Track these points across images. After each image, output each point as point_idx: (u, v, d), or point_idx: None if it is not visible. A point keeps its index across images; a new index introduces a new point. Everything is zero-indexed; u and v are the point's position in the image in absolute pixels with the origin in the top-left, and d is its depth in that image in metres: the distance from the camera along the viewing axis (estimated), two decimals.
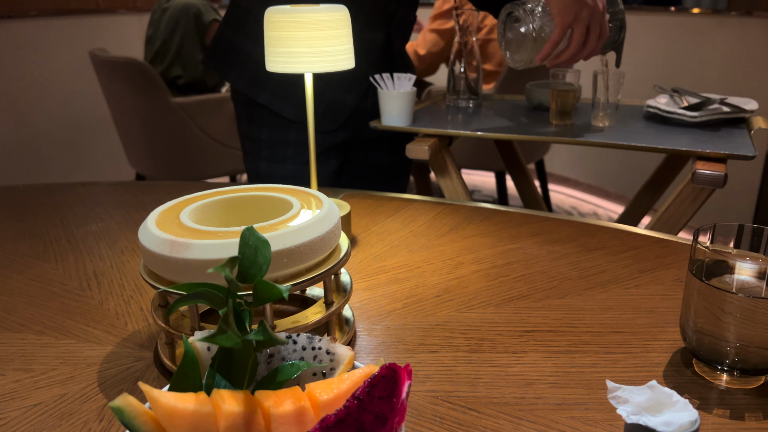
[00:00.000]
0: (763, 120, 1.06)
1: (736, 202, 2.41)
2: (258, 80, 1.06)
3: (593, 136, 1.02)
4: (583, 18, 0.90)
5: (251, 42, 1.05)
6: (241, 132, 1.14)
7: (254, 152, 1.12)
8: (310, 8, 0.68)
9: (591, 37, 0.92)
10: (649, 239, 0.77)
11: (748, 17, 2.36)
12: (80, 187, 1.03)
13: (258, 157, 1.12)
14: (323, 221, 0.49)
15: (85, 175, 3.29)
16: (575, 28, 0.91)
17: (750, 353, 0.48)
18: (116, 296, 0.66)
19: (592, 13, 0.90)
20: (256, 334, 0.34)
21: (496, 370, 0.52)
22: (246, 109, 1.11)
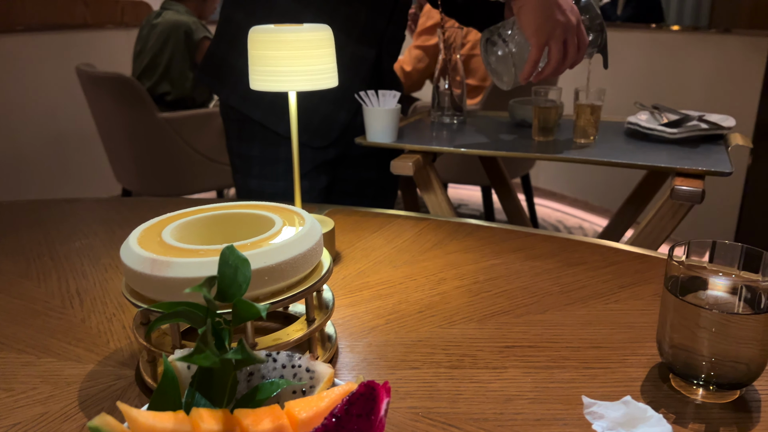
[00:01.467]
0: (740, 137, 1.08)
1: (719, 217, 2.45)
2: (251, 96, 1.06)
3: (575, 152, 1.03)
4: (557, 35, 0.92)
5: (245, 58, 1.05)
6: (231, 148, 1.14)
7: (245, 169, 1.12)
8: (293, 28, 0.69)
9: (570, 50, 0.93)
10: (629, 254, 0.78)
11: (727, 34, 2.41)
12: (64, 203, 1.03)
13: (249, 174, 1.12)
14: (305, 239, 0.50)
15: (70, 190, 3.27)
16: (552, 45, 0.92)
17: (724, 368, 0.49)
18: (99, 314, 0.66)
19: (566, 28, 0.92)
20: (235, 353, 0.35)
21: (477, 386, 0.52)
22: (236, 125, 1.11)
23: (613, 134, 1.17)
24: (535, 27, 0.91)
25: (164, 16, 2.50)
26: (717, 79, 2.48)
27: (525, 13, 0.92)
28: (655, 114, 1.17)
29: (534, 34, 0.91)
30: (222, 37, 1.09)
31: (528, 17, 0.91)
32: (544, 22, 0.90)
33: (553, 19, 0.90)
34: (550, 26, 0.91)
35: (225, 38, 1.08)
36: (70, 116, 3.18)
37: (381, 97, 1.09)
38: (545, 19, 0.90)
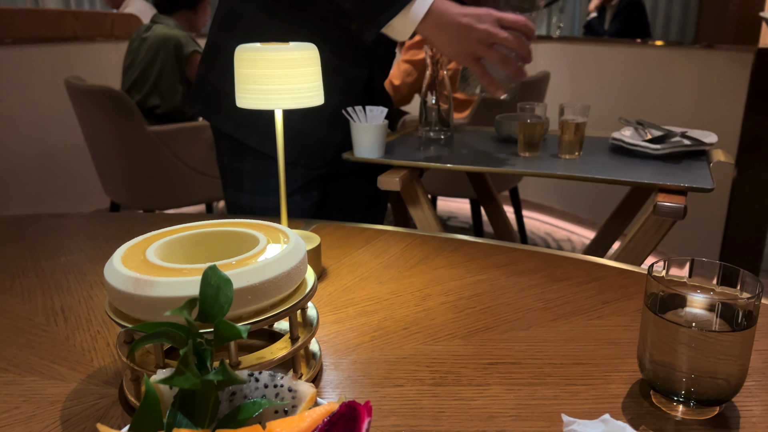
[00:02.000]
0: (722, 153, 1.10)
1: (706, 231, 2.47)
2: (247, 123, 1.07)
3: (560, 168, 1.04)
4: (479, 47, 0.92)
5: None
6: (223, 163, 1.14)
7: (236, 184, 1.12)
8: (279, 47, 0.69)
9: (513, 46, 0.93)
10: (613, 270, 0.79)
11: (712, 50, 2.45)
12: (50, 218, 1.02)
13: (240, 189, 1.12)
14: (288, 257, 0.50)
15: (59, 203, 3.25)
16: (482, 55, 0.93)
17: (704, 384, 0.49)
18: (83, 331, 0.65)
19: (486, 35, 0.92)
20: (216, 374, 0.35)
21: (460, 403, 0.52)
22: (228, 141, 1.12)
23: (597, 149, 1.18)
24: (453, 51, 0.94)
25: (154, 30, 2.51)
26: (702, 94, 2.51)
27: (438, 44, 0.94)
28: (639, 130, 1.19)
29: (455, 57, 0.94)
30: (213, 64, 1.09)
31: (443, 47, 0.94)
32: (457, 41, 0.92)
33: (464, 37, 0.92)
34: (467, 43, 0.92)
35: (217, 65, 1.08)
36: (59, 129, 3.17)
37: (368, 113, 1.10)
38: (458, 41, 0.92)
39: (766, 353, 0.60)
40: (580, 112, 1.10)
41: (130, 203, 2.49)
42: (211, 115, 1.10)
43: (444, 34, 0.93)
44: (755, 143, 2.25)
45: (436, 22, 0.92)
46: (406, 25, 0.93)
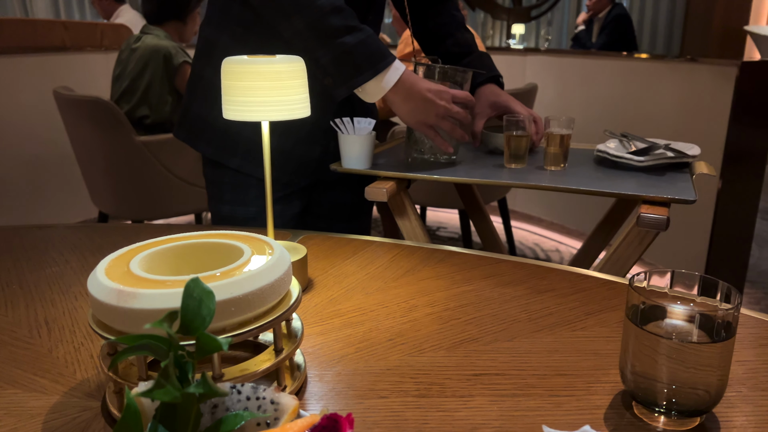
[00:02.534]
0: (705, 165, 1.12)
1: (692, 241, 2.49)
2: (227, 147, 1.11)
3: (546, 179, 1.05)
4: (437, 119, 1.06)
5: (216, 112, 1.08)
6: (206, 176, 1.18)
7: (217, 195, 1.15)
8: (267, 59, 0.70)
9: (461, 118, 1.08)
10: (597, 281, 0.80)
11: (697, 63, 2.48)
12: (36, 230, 1.02)
13: (221, 200, 1.15)
14: (273, 269, 0.50)
15: (47, 213, 3.23)
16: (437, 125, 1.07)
17: (684, 395, 0.50)
18: (66, 343, 0.65)
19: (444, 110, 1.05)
20: (197, 386, 0.35)
21: (443, 414, 0.53)
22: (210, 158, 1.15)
23: (583, 161, 1.19)
24: (411, 118, 1.07)
25: (144, 41, 2.51)
26: (687, 107, 2.54)
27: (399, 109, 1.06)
28: (624, 142, 1.20)
29: (412, 122, 1.08)
30: (194, 93, 1.13)
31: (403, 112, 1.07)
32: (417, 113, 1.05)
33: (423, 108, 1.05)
34: (423, 115, 1.06)
35: (197, 94, 1.12)
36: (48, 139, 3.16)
37: (356, 125, 1.10)
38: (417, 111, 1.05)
39: (747, 364, 0.61)
40: (565, 124, 1.12)
41: (118, 214, 2.48)
42: (193, 142, 1.14)
43: (408, 104, 1.05)
44: (739, 155, 2.28)
45: (404, 92, 1.03)
46: (377, 90, 1.02)
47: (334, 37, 0.97)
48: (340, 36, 0.97)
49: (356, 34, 0.97)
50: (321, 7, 0.96)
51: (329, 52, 0.97)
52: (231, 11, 1.07)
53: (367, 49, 0.98)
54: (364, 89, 1.02)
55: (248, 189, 1.11)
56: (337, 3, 0.97)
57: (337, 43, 0.97)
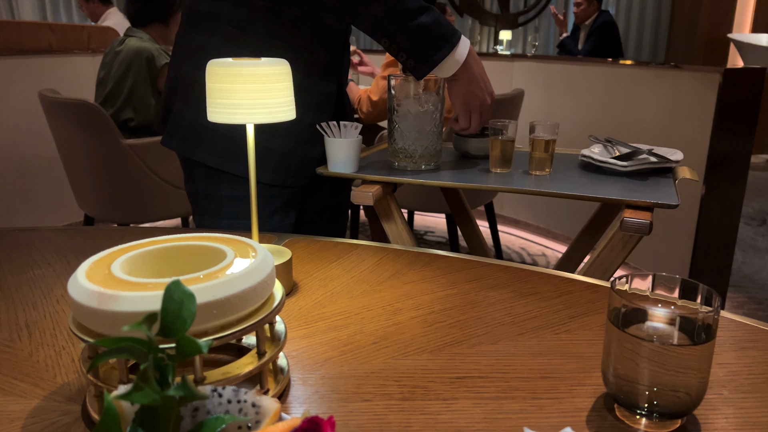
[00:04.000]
0: (688, 170, 1.13)
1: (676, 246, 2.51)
2: (230, 154, 1.08)
3: (531, 184, 1.06)
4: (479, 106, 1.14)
5: None
6: (197, 190, 1.13)
7: (214, 209, 1.12)
8: (251, 62, 0.70)
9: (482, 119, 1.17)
10: (581, 284, 0.80)
11: (681, 70, 2.51)
12: (18, 232, 1.01)
13: (219, 214, 1.12)
14: (255, 272, 0.50)
15: (32, 216, 3.20)
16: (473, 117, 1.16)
17: (665, 397, 0.50)
18: (47, 347, 0.64)
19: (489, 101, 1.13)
20: (177, 389, 0.35)
21: (427, 417, 0.53)
22: (204, 169, 1.11)
23: (567, 166, 1.20)
24: (462, 97, 1.12)
25: (127, 43, 2.50)
26: (671, 113, 2.57)
27: (459, 84, 1.10)
28: (608, 147, 1.21)
29: (460, 101, 1.12)
30: (186, 99, 1.10)
31: (461, 88, 1.11)
32: (471, 97, 1.12)
33: (477, 95, 1.12)
34: (474, 100, 1.12)
35: (190, 100, 1.09)
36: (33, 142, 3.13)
37: (342, 128, 1.11)
38: (473, 95, 1.11)
39: (728, 367, 0.61)
40: (549, 129, 1.12)
41: (104, 217, 2.46)
42: (190, 150, 1.10)
43: (470, 82, 1.10)
44: (722, 161, 2.31)
45: (470, 67, 1.09)
46: (453, 63, 1.07)
47: (412, 19, 1.01)
48: (417, 17, 1.02)
49: (430, 13, 1.03)
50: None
51: (410, 35, 1.02)
52: (220, 13, 1.06)
53: (441, 26, 1.04)
54: (441, 66, 1.06)
55: (248, 202, 1.09)
56: None
57: (417, 25, 1.02)
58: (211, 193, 1.11)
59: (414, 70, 1.06)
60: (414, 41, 1.02)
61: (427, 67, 1.05)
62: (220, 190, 1.11)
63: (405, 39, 1.02)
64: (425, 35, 1.02)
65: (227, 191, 1.10)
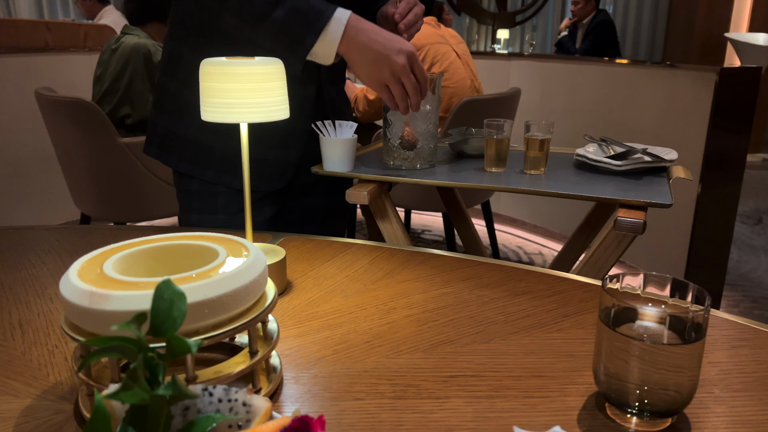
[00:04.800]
0: (682, 170, 1.13)
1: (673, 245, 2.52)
2: (200, 161, 1.09)
3: (526, 183, 1.06)
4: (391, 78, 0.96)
5: (186, 125, 1.08)
6: (175, 184, 1.17)
7: (185, 204, 1.14)
8: (245, 61, 0.70)
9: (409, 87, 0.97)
10: (574, 283, 0.81)
11: (677, 69, 2.52)
12: (12, 231, 1.01)
13: (189, 209, 1.13)
14: (247, 271, 0.50)
15: (28, 215, 3.19)
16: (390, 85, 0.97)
17: (656, 396, 0.50)
18: (41, 346, 0.64)
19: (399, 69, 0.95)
20: (166, 388, 0.35)
21: (419, 416, 0.53)
22: None
23: (562, 165, 1.20)
24: (367, 75, 0.97)
25: (124, 41, 2.50)
26: (667, 112, 2.58)
27: (354, 65, 0.97)
28: (603, 146, 1.21)
29: (368, 81, 0.98)
30: (161, 108, 1.12)
31: (358, 68, 0.97)
32: (374, 70, 0.96)
33: (380, 65, 0.95)
34: (379, 72, 0.96)
35: (165, 108, 1.11)
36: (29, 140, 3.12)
37: (338, 127, 1.11)
38: (374, 67, 0.96)
39: (719, 366, 0.61)
40: (544, 128, 1.13)
41: (100, 216, 2.46)
42: (164, 157, 1.13)
43: (362, 56, 0.95)
44: (718, 160, 2.31)
45: (355, 43, 0.95)
46: (327, 48, 0.95)
47: (264, 18, 0.93)
48: (270, 13, 0.93)
49: (283, 4, 0.93)
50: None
51: (269, 34, 0.94)
52: (191, 23, 1.06)
53: (299, 14, 0.93)
54: (316, 54, 0.96)
55: (216, 197, 1.10)
56: None
57: (270, 21, 0.93)
58: (182, 188, 1.14)
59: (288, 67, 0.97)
60: (275, 40, 0.94)
61: (297, 62, 0.96)
62: (190, 185, 1.12)
63: (265, 39, 0.95)
64: (284, 30, 0.93)
65: (196, 187, 1.11)
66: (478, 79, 2.62)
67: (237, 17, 0.94)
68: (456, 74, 2.47)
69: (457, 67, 2.48)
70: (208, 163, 1.09)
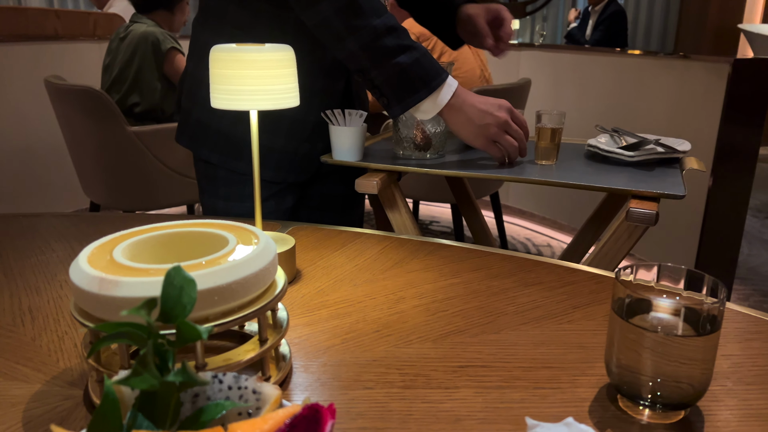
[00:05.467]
0: (695, 161, 1.12)
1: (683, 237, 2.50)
2: (233, 153, 1.09)
3: (537, 174, 1.05)
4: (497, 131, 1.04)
5: (218, 117, 1.08)
6: (198, 170, 1.16)
7: (212, 190, 1.14)
8: (255, 47, 0.69)
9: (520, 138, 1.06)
10: (585, 274, 0.80)
11: (690, 60, 2.49)
12: (22, 218, 1.01)
13: (215, 195, 1.14)
14: (257, 258, 0.50)
15: (38, 203, 3.21)
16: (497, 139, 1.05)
17: (669, 388, 0.50)
18: (50, 332, 0.64)
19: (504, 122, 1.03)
20: (176, 375, 0.34)
21: (428, 406, 0.52)
22: None
23: (574, 156, 1.19)
24: (474, 135, 1.04)
25: (133, 29, 2.50)
26: (679, 103, 2.55)
27: (459, 126, 1.04)
28: (615, 137, 1.20)
29: (476, 140, 1.04)
30: (194, 98, 1.11)
31: (463, 130, 1.04)
32: (481, 129, 1.03)
33: (486, 123, 1.03)
34: (487, 130, 1.03)
35: (197, 99, 1.10)
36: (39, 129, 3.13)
37: (347, 116, 1.10)
38: (481, 126, 1.03)
39: (732, 358, 0.61)
40: (556, 119, 1.11)
41: (109, 204, 2.47)
42: (196, 148, 1.13)
43: (463, 117, 1.02)
44: (730, 152, 2.29)
45: (458, 106, 1.01)
46: (432, 107, 1.01)
47: (389, 58, 0.96)
48: (395, 56, 0.96)
49: (410, 53, 0.97)
50: (375, 29, 0.95)
51: (384, 72, 0.97)
52: (226, 14, 1.06)
53: (421, 68, 0.97)
54: (418, 108, 1.01)
55: (244, 186, 1.11)
56: (391, 22, 0.96)
57: (393, 64, 0.96)
58: (209, 174, 1.14)
59: (387, 108, 1.01)
60: (388, 81, 0.98)
61: (399, 109, 1.00)
62: (217, 173, 1.12)
63: (379, 77, 0.98)
64: (401, 76, 0.97)
65: (223, 174, 1.12)
66: (488, 69, 2.60)
67: (362, 47, 0.96)
68: (466, 64, 2.45)
69: (467, 57, 2.46)
70: (240, 157, 1.09)
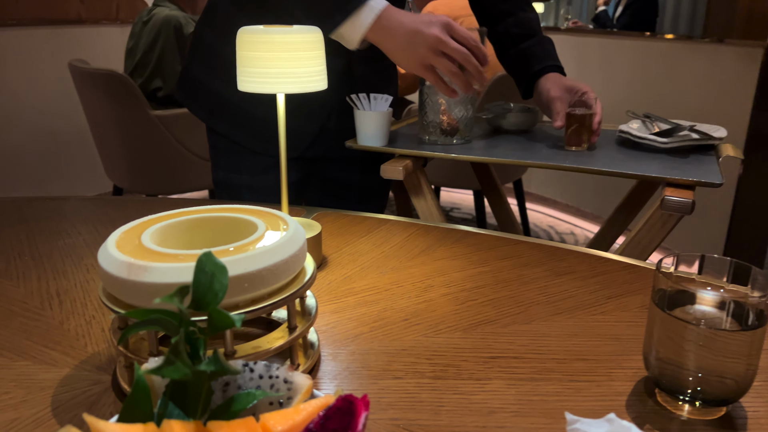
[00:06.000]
0: (731, 148, 1.08)
1: (710, 227, 2.45)
2: (215, 112, 1.10)
3: (566, 159, 1.03)
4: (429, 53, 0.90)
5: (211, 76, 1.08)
6: (208, 139, 1.18)
7: (213, 161, 1.16)
8: (282, 29, 0.68)
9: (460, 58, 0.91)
10: (617, 264, 0.78)
11: (721, 44, 2.42)
12: (49, 201, 1.01)
13: (216, 165, 1.15)
14: (287, 245, 0.49)
15: (62, 186, 3.24)
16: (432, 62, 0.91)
17: (711, 384, 0.48)
18: (78, 316, 0.64)
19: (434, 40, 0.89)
20: (208, 364, 0.34)
21: (460, 397, 0.51)
22: None
23: (604, 142, 1.16)
24: (405, 61, 0.92)
25: (156, 12, 2.49)
26: (710, 89, 2.48)
27: (389, 52, 0.93)
28: (647, 123, 1.17)
29: (409, 66, 0.93)
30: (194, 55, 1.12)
31: (393, 56, 0.93)
32: (409, 52, 0.91)
33: (414, 44, 0.90)
34: (415, 52, 0.90)
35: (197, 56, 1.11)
36: (63, 112, 3.16)
37: (373, 101, 1.08)
38: (409, 49, 0.90)
39: None
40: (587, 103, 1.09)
41: (133, 188, 2.48)
42: (189, 103, 1.14)
43: (393, 40, 0.91)
44: (763, 139, 2.23)
45: (384, 29, 0.90)
46: (354, 32, 0.91)
47: None
48: None
49: None
50: None
51: (303, 4, 0.93)
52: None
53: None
54: (341, 35, 0.92)
55: (241, 156, 1.10)
56: None
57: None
58: (212, 143, 1.15)
59: None
60: (306, 11, 0.92)
61: None
62: (217, 142, 1.13)
63: (297, 6, 0.93)
64: (317, 4, 0.91)
65: (222, 144, 1.12)
66: None
67: None
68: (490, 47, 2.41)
69: None
70: (221, 116, 1.09)
